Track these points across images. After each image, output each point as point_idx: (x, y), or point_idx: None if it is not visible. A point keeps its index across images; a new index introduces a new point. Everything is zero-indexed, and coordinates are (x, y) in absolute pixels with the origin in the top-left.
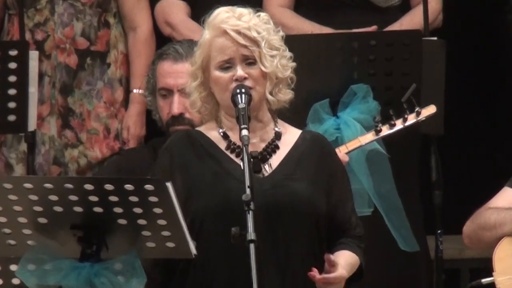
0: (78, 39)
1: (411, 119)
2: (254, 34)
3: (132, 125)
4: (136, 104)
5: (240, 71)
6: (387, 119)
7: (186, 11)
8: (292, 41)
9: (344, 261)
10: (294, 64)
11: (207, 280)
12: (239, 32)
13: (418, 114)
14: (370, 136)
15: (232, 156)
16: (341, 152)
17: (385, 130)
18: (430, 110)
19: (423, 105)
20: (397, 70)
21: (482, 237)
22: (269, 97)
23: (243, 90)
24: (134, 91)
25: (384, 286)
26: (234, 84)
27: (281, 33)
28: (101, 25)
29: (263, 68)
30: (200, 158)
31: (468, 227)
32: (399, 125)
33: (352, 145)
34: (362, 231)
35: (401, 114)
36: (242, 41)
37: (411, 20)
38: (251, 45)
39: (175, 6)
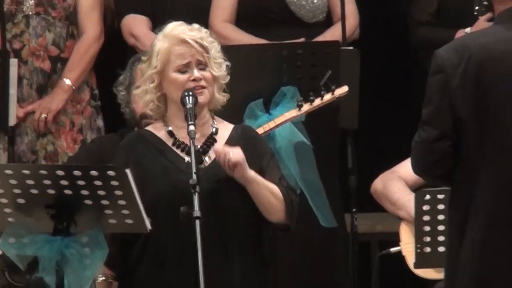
0: (50, 48)
1: (328, 97)
2: (205, 43)
3: (54, 109)
4: (62, 91)
5: (197, 73)
6: (307, 98)
7: (148, 25)
8: (232, 50)
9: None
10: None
11: (159, 255)
12: (195, 41)
13: (333, 92)
14: (294, 112)
15: (178, 151)
16: (270, 126)
17: (306, 107)
18: (343, 89)
19: (332, 83)
20: (320, 74)
21: (383, 203)
22: (217, 96)
23: (190, 93)
24: (64, 79)
25: (308, 257)
26: (191, 84)
27: (219, 46)
28: (68, 36)
29: (213, 72)
30: (151, 154)
31: (377, 185)
32: (317, 102)
33: (279, 120)
34: (295, 196)
35: (318, 94)
36: (198, 48)
37: (333, 34)
38: (204, 52)
39: (139, 21)
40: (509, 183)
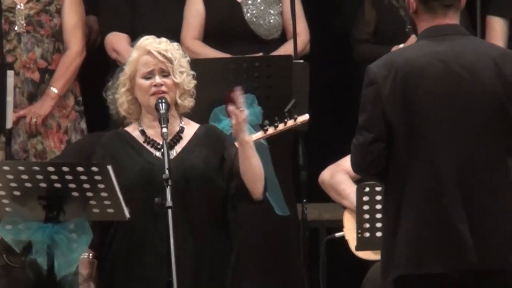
0: (39, 61)
1: (290, 123)
2: (169, 54)
3: (43, 114)
4: (49, 99)
5: (158, 79)
6: (272, 123)
7: (128, 42)
8: (200, 63)
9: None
10: (195, 81)
11: (128, 236)
12: (159, 52)
13: (295, 119)
14: (260, 134)
15: (148, 147)
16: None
17: (271, 130)
18: (304, 117)
19: (295, 111)
20: (275, 84)
21: (329, 192)
22: (179, 101)
23: (163, 100)
24: (51, 88)
25: (265, 241)
26: (153, 89)
27: (188, 58)
28: (55, 50)
29: (174, 79)
30: (125, 150)
31: (325, 176)
32: (281, 127)
33: None
34: None
35: (283, 120)
36: (161, 58)
37: (287, 49)
38: (167, 62)
39: (120, 38)
40: (433, 183)
